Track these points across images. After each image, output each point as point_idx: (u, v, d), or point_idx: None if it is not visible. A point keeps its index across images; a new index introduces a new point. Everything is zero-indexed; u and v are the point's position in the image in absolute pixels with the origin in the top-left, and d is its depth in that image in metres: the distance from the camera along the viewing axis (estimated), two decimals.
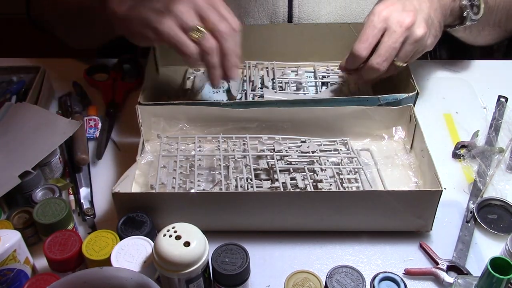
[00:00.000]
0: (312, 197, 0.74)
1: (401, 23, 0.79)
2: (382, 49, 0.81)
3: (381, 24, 0.80)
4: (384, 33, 0.81)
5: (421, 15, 0.81)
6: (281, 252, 0.76)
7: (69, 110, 0.96)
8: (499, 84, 1.03)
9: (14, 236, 0.67)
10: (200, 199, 0.75)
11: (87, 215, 0.79)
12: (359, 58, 0.82)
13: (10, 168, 0.77)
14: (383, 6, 0.81)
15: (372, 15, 0.81)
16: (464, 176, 0.87)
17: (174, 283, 0.63)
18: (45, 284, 0.63)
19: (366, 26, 0.81)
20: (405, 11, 0.80)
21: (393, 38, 0.80)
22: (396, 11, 0.80)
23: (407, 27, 0.79)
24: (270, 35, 1.01)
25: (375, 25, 0.80)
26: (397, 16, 0.80)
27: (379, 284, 0.68)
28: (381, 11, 0.81)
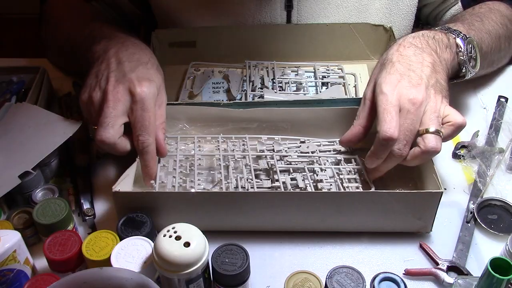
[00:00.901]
0: (312, 197, 0.74)
1: (413, 101, 0.73)
2: (400, 133, 0.73)
3: (397, 104, 0.74)
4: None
5: (429, 83, 0.76)
6: (281, 252, 0.76)
7: (69, 110, 0.96)
8: (499, 84, 1.03)
9: (14, 237, 0.67)
10: (200, 199, 0.75)
11: (87, 215, 0.79)
12: (392, 140, 0.72)
13: (10, 168, 0.77)
14: (390, 86, 0.75)
15: (384, 95, 0.74)
16: (464, 176, 0.87)
17: (174, 283, 0.63)
18: (45, 284, 0.63)
19: (384, 105, 0.73)
20: (413, 86, 0.74)
21: (409, 119, 0.73)
22: (404, 88, 0.74)
23: (421, 103, 0.74)
24: (270, 35, 1.01)
25: (394, 104, 0.73)
26: (407, 93, 0.74)
27: (379, 284, 0.68)
28: (392, 91, 0.74)
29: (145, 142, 0.76)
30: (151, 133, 0.77)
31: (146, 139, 0.76)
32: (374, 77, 0.79)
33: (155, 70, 0.82)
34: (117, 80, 0.78)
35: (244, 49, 1.02)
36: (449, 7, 1.04)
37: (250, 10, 1.00)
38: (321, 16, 1.01)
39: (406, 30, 1.06)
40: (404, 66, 0.77)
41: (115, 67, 0.79)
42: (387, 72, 0.77)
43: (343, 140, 0.82)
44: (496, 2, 0.98)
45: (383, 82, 0.76)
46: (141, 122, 0.76)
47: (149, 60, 0.83)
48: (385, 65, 0.78)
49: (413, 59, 0.78)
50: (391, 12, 1.03)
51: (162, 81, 0.83)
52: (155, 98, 0.79)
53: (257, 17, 1.01)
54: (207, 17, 1.02)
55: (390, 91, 0.75)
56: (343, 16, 1.02)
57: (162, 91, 0.82)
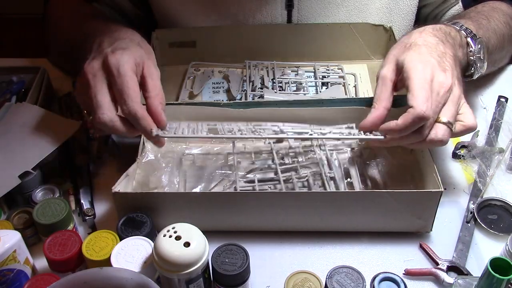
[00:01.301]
0: (312, 197, 0.74)
1: (443, 85, 0.72)
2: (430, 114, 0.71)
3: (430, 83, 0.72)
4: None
5: (453, 74, 0.75)
6: (281, 252, 0.76)
7: (69, 110, 0.96)
8: (499, 84, 1.03)
9: (14, 237, 0.67)
10: (200, 199, 0.75)
11: (87, 215, 0.79)
12: (425, 119, 0.70)
13: (10, 168, 0.77)
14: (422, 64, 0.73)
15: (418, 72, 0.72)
16: (464, 176, 0.87)
17: (174, 283, 0.63)
18: (45, 284, 0.63)
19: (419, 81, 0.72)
20: (443, 70, 0.74)
21: (436, 101, 0.72)
22: (436, 69, 0.73)
23: (449, 89, 0.73)
24: (270, 35, 1.01)
25: (428, 82, 0.72)
26: (438, 75, 0.73)
27: (379, 284, 0.68)
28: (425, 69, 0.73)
29: (130, 109, 0.71)
30: (134, 99, 0.71)
31: (130, 106, 0.71)
32: (394, 57, 0.77)
33: (135, 44, 0.78)
34: (93, 57, 0.75)
35: (244, 49, 1.02)
36: (449, 7, 1.04)
37: (250, 9, 1.00)
38: (321, 15, 1.01)
39: (406, 30, 1.06)
40: (430, 51, 0.76)
41: (96, 48, 0.77)
42: (416, 52, 0.75)
43: (366, 124, 0.76)
44: (496, 2, 0.98)
45: (414, 60, 0.74)
46: (120, 90, 0.72)
47: (129, 37, 0.79)
48: (411, 47, 0.76)
49: (437, 48, 0.77)
50: (391, 11, 1.03)
51: (146, 54, 0.78)
52: (132, 64, 0.74)
53: (258, 17, 1.01)
54: (207, 16, 1.02)
55: (423, 68, 0.73)
56: (344, 15, 1.02)
57: (149, 64, 0.77)
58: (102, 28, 0.84)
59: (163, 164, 0.82)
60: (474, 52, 0.82)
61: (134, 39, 0.80)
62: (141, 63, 0.76)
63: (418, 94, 0.71)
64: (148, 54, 0.78)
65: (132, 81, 0.72)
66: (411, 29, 1.07)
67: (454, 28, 0.83)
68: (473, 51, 0.82)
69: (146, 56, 0.77)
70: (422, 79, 0.72)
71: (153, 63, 0.78)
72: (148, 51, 0.79)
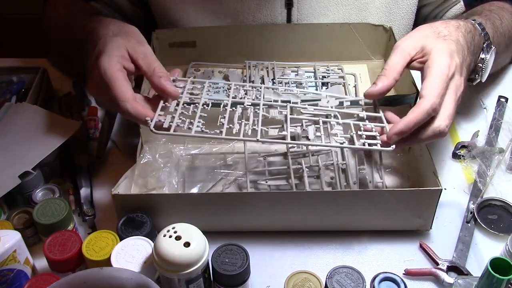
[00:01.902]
0: (312, 197, 0.74)
1: (458, 87, 0.73)
2: (450, 110, 0.71)
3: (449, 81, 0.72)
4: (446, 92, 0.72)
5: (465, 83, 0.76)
6: (281, 252, 0.76)
7: (69, 110, 0.96)
8: (499, 84, 1.03)
9: (14, 237, 0.67)
10: (200, 199, 0.75)
11: (87, 216, 0.79)
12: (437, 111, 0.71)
13: (10, 168, 0.77)
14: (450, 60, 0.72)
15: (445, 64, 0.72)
16: (464, 176, 0.87)
17: (174, 283, 0.63)
18: (45, 284, 0.63)
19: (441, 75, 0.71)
20: (461, 74, 0.74)
21: (455, 101, 0.72)
22: (457, 71, 0.73)
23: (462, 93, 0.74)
24: (270, 35, 1.01)
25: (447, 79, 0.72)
26: (457, 79, 0.73)
27: (379, 284, 0.68)
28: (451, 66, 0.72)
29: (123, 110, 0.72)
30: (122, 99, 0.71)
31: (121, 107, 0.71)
32: (424, 38, 0.76)
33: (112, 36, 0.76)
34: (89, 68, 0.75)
35: (244, 49, 1.02)
36: (449, 6, 1.04)
37: (250, 8, 1.00)
38: (321, 14, 1.02)
39: (406, 29, 1.06)
40: (458, 51, 0.75)
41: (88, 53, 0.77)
42: (448, 45, 0.74)
43: (373, 93, 0.75)
44: (500, 2, 0.98)
45: (444, 51, 0.73)
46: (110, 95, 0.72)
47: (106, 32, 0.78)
48: (445, 38, 0.75)
49: (463, 51, 0.76)
50: (391, 10, 1.03)
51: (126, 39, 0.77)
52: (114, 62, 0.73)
53: (258, 16, 1.01)
54: (207, 16, 1.02)
55: (448, 64, 0.72)
56: (343, 14, 1.02)
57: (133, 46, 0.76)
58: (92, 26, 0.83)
59: (161, 165, 0.82)
60: (485, 60, 0.83)
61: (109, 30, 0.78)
62: (125, 51, 0.75)
63: (435, 86, 0.71)
64: (128, 37, 0.77)
65: (117, 81, 0.72)
66: (411, 28, 1.07)
67: (478, 31, 0.83)
68: (485, 59, 0.82)
69: (127, 40, 0.76)
70: (444, 74, 0.72)
71: (137, 42, 0.77)
72: (128, 33, 0.78)
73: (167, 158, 0.84)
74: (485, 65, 0.83)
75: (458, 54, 0.74)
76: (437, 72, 0.72)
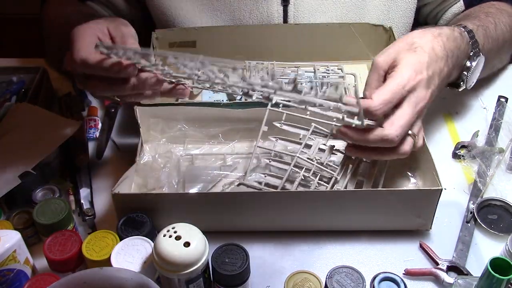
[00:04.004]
0: (312, 197, 0.74)
1: (421, 100, 0.72)
2: (403, 121, 0.71)
3: (406, 92, 0.72)
4: (403, 103, 0.72)
5: (435, 94, 0.75)
6: (281, 252, 0.76)
7: (69, 110, 0.96)
8: (499, 84, 1.03)
9: (14, 237, 0.67)
10: (200, 199, 0.75)
11: (87, 216, 0.79)
12: (372, 115, 0.70)
13: (10, 168, 0.77)
14: (414, 73, 0.72)
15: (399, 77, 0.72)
16: (464, 176, 0.87)
17: (174, 283, 0.63)
18: (45, 284, 0.63)
19: (392, 84, 0.71)
20: (427, 88, 0.73)
21: (413, 112, 0.72)
22: (422, 85, 0.72)
23: (425, 107, 0.74)
24: (270, 35, 1.01)
25: (402, 90, 0.71)
26: (421, 92, 0.72)
27: (379, 284, 0.68)
28: (411, 79, 0.72)
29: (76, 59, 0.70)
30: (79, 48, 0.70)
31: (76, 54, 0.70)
32: (395, 52, 0.76)
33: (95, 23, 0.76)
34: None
35: (244, 49, 1.02)
36: (449, 5, 1.04)
37: (246, 5, 1.01)
38: (318, 11, 1.01)
39: (406, 28, 1.06)
40: (429, 64, 0.74)
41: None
42: (416, 58, 0.74)
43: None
44: (500, 2, 0.98)
45: (412, 63, 0.73)
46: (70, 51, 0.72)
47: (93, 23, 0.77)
48: (416, 50, 0.75)
49: (437, 63, 0.76)
50: (389, 9, 1.03)
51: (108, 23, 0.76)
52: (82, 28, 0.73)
53: (254, 13, 1.01)
54: (204, 13, 1.02)
55: (411, 76, 0.72)
56: (341, 12, 1.02)
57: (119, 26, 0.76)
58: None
59: (161, 165, 0.82)
60: (470, 69, 0.83)
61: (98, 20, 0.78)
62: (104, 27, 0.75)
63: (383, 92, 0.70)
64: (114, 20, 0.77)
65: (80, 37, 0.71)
66: (410, 27, 1.07)
67: (466, 39, 0.82)
68: (471, 67, 0.83)
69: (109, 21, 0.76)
70: (400, 85, 0.71)
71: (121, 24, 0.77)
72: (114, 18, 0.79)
73: (167, 158, 0.84)
74: (470, 73, 0.83)
75: (429, 67, 0.74)
76: (392, 83, 0.71)
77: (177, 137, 0.87)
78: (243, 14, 1.01)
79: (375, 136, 0.70)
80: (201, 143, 0.88)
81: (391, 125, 0.70)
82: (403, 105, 0.72)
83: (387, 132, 0.70)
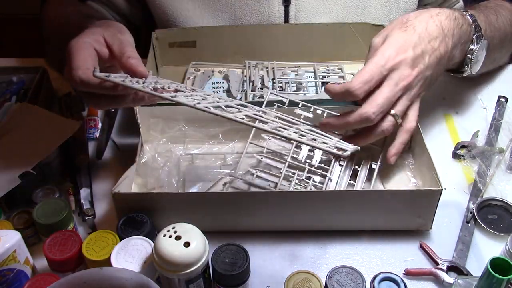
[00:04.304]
0: (312, 197, 0.74)
1: (403, 78, 0.73)
2: (380, 98, 0.72)
3: (386, 71, 0.73)
4: (384, 82, 0.74)
5: (425, 74, 0.76)
6: (281, 252, 0.76)
7: (69, 110, 0.96)
8: (499, 84, 1.03)
9: (14, 237, 0.67)
10: (200, 199, 0.75)
11: (87, 216, 0.79)
12: (354, 97, 0.73)
13: (10, 168, 0.77)
14: (394, 52, 0.73)
15: (379, 56, 0.73)
16: (464, 176, 0.87)
17: (174, 283, 0.63)
18: (45, 284, 0.63)
19: (370, 64, 0.73)
20: (413, 67, 0.74)
21: (393, 91, 0.73)
22: (405, 63, 0.74)
23: (409, 85, 0.74)
24: (271, 35, 1.01)
25: (381, 69, 0.73)
26: (404, 70, 0.73)
27: (379, 284, 0.68)
28: (391, 58, 0.73)
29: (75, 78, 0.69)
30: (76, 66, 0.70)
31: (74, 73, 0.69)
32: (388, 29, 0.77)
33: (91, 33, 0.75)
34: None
35: (244, 49, 1.02)
36: (450, 6, 1.04)
37: (248, 5, 1.01)
38: (319, 11, 1.01)
39: None
40: (417, 42, 0.75)
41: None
42: (406, 34, 0.75)
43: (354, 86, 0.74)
44: (499, 0, 0.98)
45: (395, 41, 0.74)
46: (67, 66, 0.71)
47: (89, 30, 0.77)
48: (407, 28, 0.75)
49: (430, 43, 0.76)
50: (390, 9, 1.03)
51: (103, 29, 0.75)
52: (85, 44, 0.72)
53: (255, 13, 1.01)
54: (205, 13, 1.02)
55: (391, 55, 0.73)
56: (342, 12, 1.02)
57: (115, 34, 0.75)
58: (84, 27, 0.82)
59: (161, 164, 0.82)
60: (474, 52, 0.82)
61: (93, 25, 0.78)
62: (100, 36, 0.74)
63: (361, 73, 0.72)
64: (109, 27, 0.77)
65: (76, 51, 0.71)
66: None
67: (468, 21, 0.82)
68: (474, 50, 0.82)
69: (105, 28, 0.76)
70: (379, 64, 0.73)
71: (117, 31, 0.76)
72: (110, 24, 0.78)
73: (167, 158, 0.84)
74: (474, 56, 0.83)
75: (416, 46, 0.74)
76: (371, 62, 0.73)
77: (177, 137, 0.87)
78: (244, 14, 1.01)
79: (354, 116, 0.74)
80: (201, 143, 0.88)
81: (369, 104, 0.73)
82: (383, 84, 0.73)
83: (364, 110, 0.73)
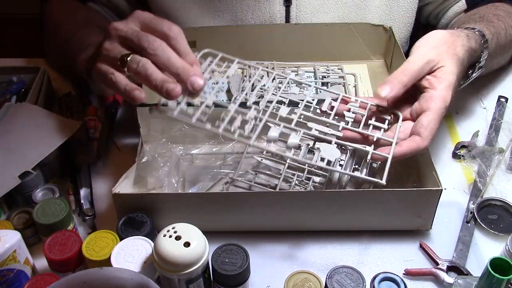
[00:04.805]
0: (312, 197, 0.74)
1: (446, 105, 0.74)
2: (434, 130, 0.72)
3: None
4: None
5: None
6: (281, 252, 0.76)
7: (69, 110, 0.96)
8: (499, 84, 1.03)
9: (14, 237, 0.67)
10: (200, 199, 0.75)
11: (87, 215, 0.79)
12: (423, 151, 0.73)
13: (10, 168, 0.77)
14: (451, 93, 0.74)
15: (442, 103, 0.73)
16: (464, 176, 0.87)
17: (174, 283, 0.63)
18: (45, 284, 0.63)
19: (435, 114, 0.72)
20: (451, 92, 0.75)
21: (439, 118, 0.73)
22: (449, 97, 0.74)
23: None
24: (270, 35, 1.01)
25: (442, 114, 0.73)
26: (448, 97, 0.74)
27: (379, 284, 0.68)
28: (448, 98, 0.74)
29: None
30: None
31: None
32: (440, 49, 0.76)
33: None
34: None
35: (244, 49, 1.02)
36: (451, 5, 1.04)
37: (249, 6, 1.01)
38: (320, 12, 1.02)
39: (407, 28, 1.06)
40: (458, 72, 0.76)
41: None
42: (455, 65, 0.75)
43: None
44: (505, 5, 0.98)
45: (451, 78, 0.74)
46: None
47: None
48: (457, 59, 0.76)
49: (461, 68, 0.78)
50: (391, 9, 1.03)
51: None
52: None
53: (256, 13, 1.01)
54: (206, 13, 1.02)
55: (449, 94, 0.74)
56: (342, 12, 1.02)
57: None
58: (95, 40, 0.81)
59: (161, 164, 0.82)
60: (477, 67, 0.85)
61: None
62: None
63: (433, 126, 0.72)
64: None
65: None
66: (411, 27, 1.06)
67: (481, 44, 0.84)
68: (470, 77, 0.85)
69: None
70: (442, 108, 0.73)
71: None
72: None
73: (167, 158, 0.84)
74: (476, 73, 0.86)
75: (457, 78, 0.76)
76: (438, 109, 0.73)
77: (177, 137, 0.87)
78: (245, 15, 1.01)
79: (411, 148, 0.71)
80: (201, 143, 0.88)
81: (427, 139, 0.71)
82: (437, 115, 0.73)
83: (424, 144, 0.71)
